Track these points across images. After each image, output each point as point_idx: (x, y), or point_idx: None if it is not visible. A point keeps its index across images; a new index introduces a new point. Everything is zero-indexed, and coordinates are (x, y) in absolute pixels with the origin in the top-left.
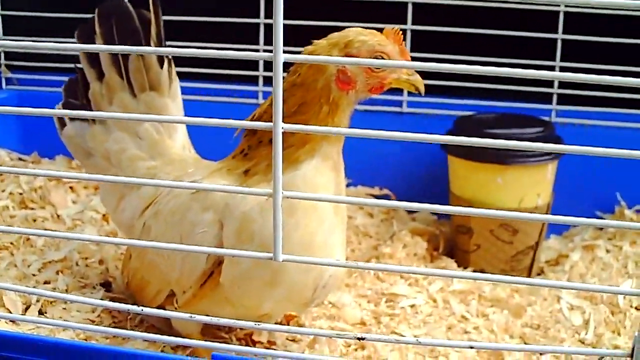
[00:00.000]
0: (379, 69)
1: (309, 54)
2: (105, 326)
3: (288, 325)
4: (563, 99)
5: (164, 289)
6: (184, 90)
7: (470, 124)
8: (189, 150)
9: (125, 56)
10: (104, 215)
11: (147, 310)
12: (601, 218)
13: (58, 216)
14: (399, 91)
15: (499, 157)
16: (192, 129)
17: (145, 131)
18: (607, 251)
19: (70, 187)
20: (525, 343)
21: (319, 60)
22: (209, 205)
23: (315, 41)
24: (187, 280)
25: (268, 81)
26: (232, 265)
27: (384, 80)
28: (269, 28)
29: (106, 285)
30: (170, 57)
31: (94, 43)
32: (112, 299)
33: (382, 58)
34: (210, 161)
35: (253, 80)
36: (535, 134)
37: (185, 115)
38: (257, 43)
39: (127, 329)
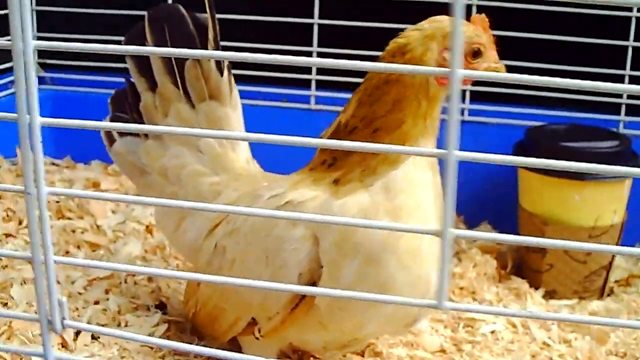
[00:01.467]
0: (475, 60)
1: (401, 47)
2: (165, 355)
3: (363, 355)
4: (632, 109)
5: (243, 317)
6: None
7: (543, 135)
8: (252, 164)
9: (181, 64)
10: (147, 226)
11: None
12: None
13: (98, 227)
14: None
15: (577, 172)
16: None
17: (206, 144)
18: None
19: None
20: None
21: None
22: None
23: (404, 33)
24: (275, 305)
25: (320, 85)
26: (331, 282)
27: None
28: (323, 28)
29: (161, 307)
30: (228, 62)
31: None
32: (170, 323)
33: (479, 49)
34: (282, 175)
35: (304, 85)
36: (612, 148)
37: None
38: (310, 43)
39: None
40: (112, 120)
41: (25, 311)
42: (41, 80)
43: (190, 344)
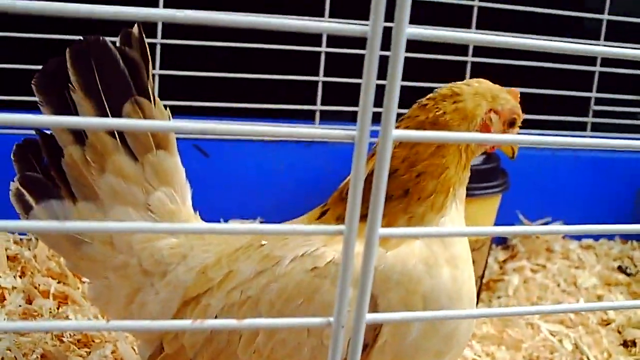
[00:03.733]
0: (510, 129)
1: (454, 95)
2: None
3: None
4: None
5: None
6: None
7: None
8: (198, 217)
9: (117, 107)
10: None
11: None
12: (504, 237)
13: None
14: None
15: None
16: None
17: (157, 201)
18: (533, 271)
19: None
20: None
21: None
22: None
23: (454, 84)
24: None
25: (324, 117)
26: (395, 341)
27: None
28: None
29: None
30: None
31: (66, 92)
32: None
33: (515, 119)
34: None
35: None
36: (486, 164)
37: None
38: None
39: None
40: (22, 183)
41: None
42: None
43: None
